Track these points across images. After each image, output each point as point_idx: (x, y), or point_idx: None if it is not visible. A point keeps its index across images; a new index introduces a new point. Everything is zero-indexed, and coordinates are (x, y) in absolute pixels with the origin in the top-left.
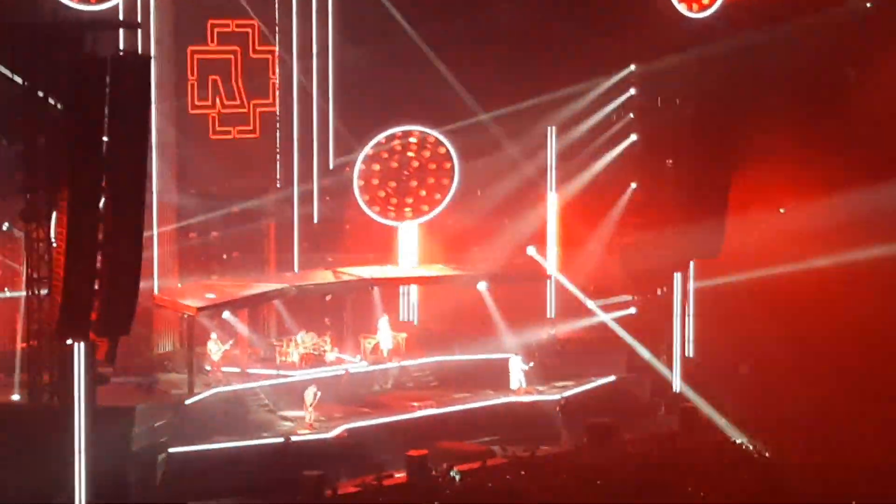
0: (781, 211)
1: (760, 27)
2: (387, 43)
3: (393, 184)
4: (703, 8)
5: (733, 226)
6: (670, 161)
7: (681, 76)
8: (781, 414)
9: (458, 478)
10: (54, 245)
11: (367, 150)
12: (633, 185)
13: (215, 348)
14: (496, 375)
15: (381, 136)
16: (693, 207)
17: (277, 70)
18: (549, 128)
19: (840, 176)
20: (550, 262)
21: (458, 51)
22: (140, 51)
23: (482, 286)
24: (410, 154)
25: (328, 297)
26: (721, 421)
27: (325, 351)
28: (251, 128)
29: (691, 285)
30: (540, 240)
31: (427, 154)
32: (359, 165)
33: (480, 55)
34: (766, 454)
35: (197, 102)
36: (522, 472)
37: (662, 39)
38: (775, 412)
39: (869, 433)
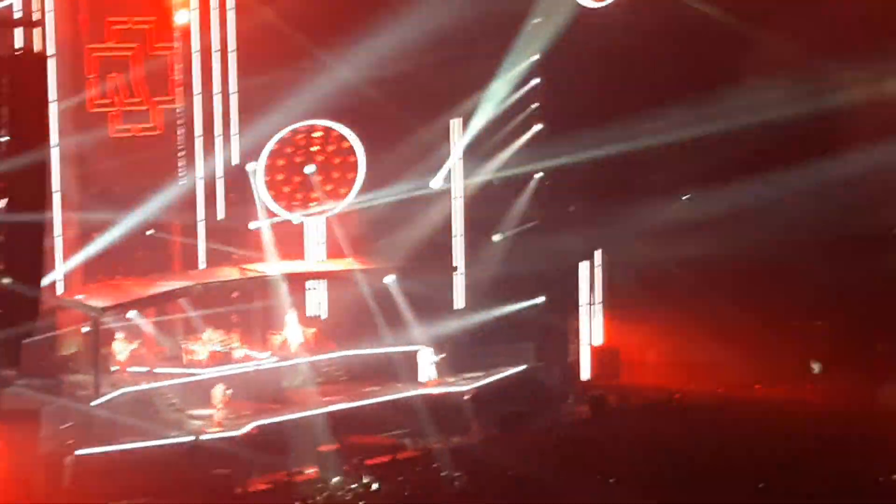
0: (683, 198)
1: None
2: (288, 38)
3: (298, 179)
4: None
5: (638, 214)
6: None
7: (583, 65)
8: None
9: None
10: None
11: (271, 145)
12: (538, 175)
13: (121, 348)
14: (406, 368)
15: (284, 132)
16: (598, 197)
17: (179, 66)
18: (452, 120)
19: (742, 160)
20: (457, 254)
21: (360, 45)
22: (38, 49)
23: (390, 279)
24: (315, 148)
25: (235, 294)
26: None
27: (232, 348)
28: (152, 125)
29: (598, 273)
30: (446, 232)
31: (331, 148)
32: (263, 161)
33: (383, 48)
34: None
35: (97, 101)
36: (434, 465)
37: (565, 28)
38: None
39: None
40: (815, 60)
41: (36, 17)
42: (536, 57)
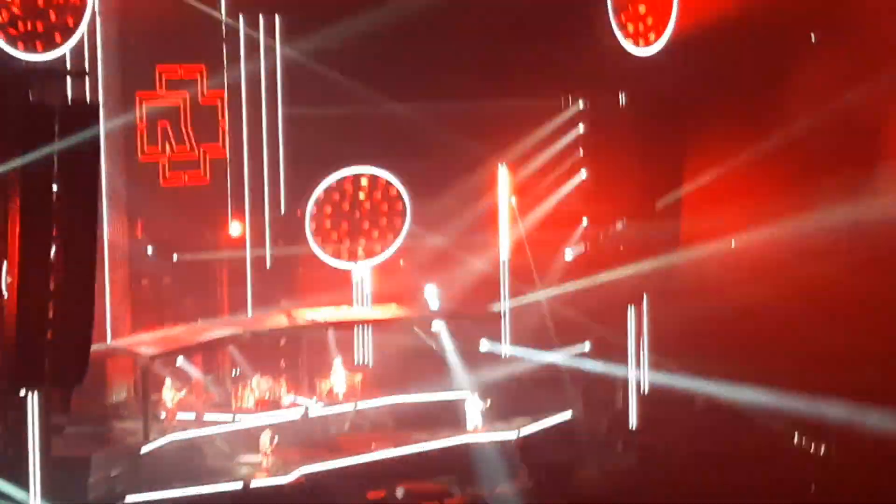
0: (732, 244)
1: (706, 64)
2: (335, 86)
3: (345, 226)
4: (649, 44)
5: (686, 259)
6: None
7: (629, 113)
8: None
9: None
10: (5, 296)
11: (319, 192)
12: (585, 221)
13: (170, 395)
14: (452, 414)
15: (332, 179)
16: (645, 241)
17: (227, 114)
18: (499, 165)
19: (789, 206)
20: (504, 301)
21: (406, 91)
22: (88, 99)
23: (437, 326)
24: (362, 196)
25: (283, 341)
26: None
27: (280, 395)
28: (202, 173)
29: (645, 319)
30: (493, 278)
31: (378, 195)
32: (310, 208)
33: (428, 95)
34: None
35: (146, 149)
36: None
37: (610, 75)
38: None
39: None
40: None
41: (87, 67)
42: (582, 104)
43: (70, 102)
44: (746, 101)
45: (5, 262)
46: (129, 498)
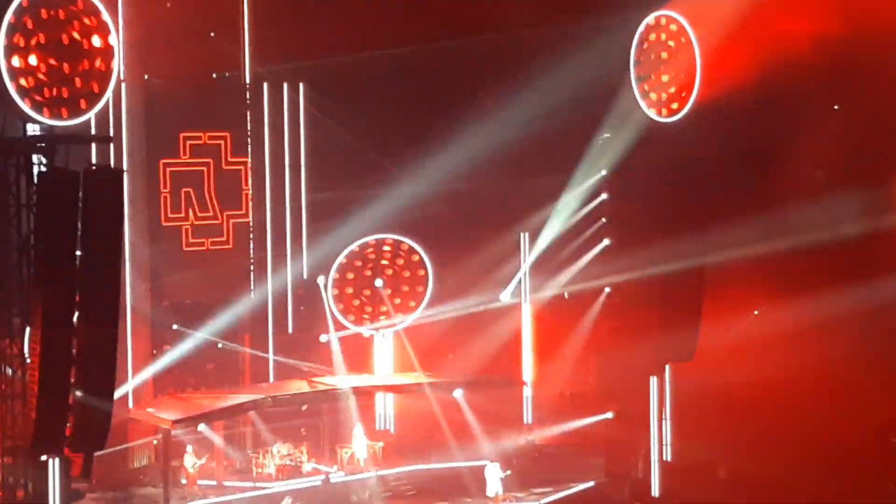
0: (755, 313)
1: (729, 131)
2: (355, 154)
3: (367, 292)
4: (672, 113)
5: (707, 329)
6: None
7: (651, 180)
8: None
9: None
10: (28, 360)
11: (341, 258)
12: (607, 290)
13: (191, 461)
14: (474, 483)
15: (354, 245)
16: (667, 311)
17: (250, 180)
18: (521, 234)
19: (813, 278)
20: (526, 368)
21: (430, 160)
22: (112, 164)
23: (458, 394)
24: (384, 262)
25: (304, 408)
26: None
27: (301, 461)
28: (224, 239)
29: (667, 389)
30: (515, 346)
31: (401, 262)
32: (333, 274)
33: (453, 163)
34: None
35: (170, 214)
36: None
37: (633, 144)
38: None
39: None
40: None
41: (111, 133)
42: (605, 172)
43: (94, 168)
44: (767, 169)
45: (28, 328)
46: None
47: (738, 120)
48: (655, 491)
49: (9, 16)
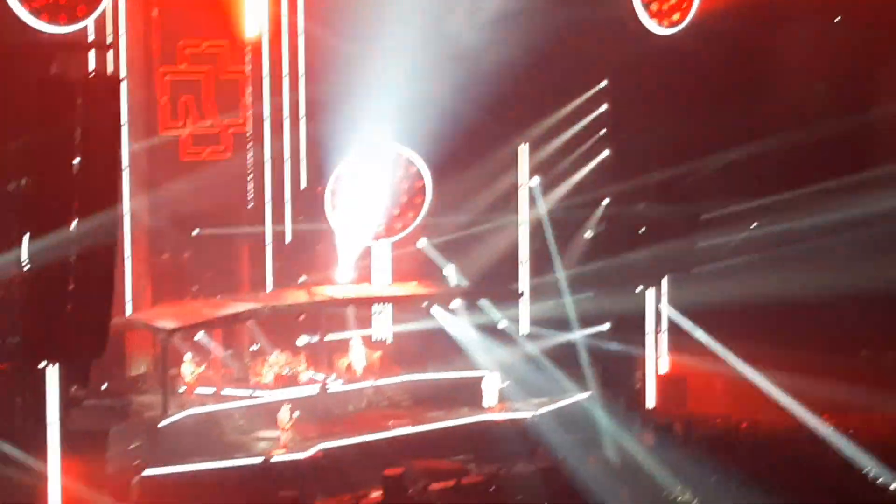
0: (753, 226)
1: (729, 42)
2: (356, 63)
3: (365, 203)
4: (673, 24)
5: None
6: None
7: (652, 94)
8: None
9: None
10: (25, 267)
11: (339, 168)
12: (606, 201)
13: (189, 369)
14: (471, 393)
15: (352, 155)
16: (665, 223)
17: (249, 89)
18: (520, 145)
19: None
20: (523, 279)
21: (428, 69)
22: (110, 72)
23: (455, 304)
24: (382, 172)
25: (302, 317)
26: None
27: (299, 371)
28: (223, 148)
29: (664, 300)
30: (512, 258)
31: (400, 172)
32: (331, 184)
33: (452, 73)
34: None
35: (168, 123)
36: (492, 489)
37: (634, 55)
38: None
39: None
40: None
41: (109, 40)
42: (604, 83)
43: (92, 75)
44: (768, 82)
45: (27, 236)
46: (148, 471)
47: (738, 31)
48: (651, 402)
49: None
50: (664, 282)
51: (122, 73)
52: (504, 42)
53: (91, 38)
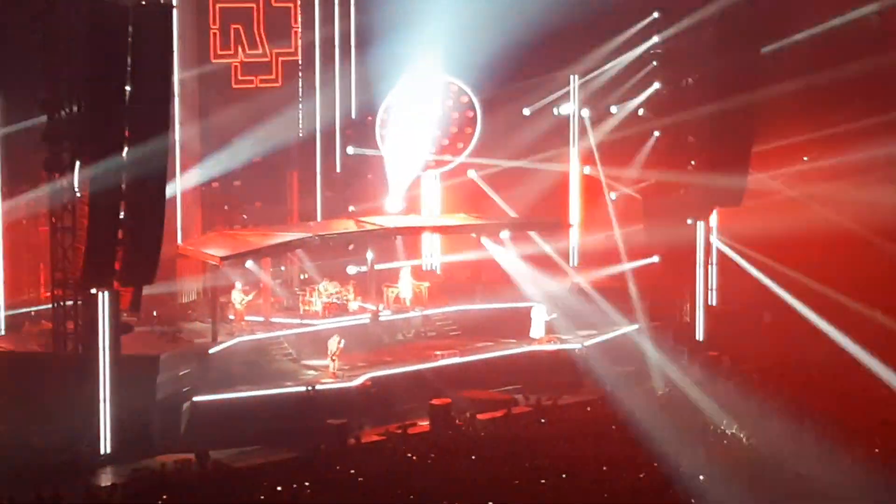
0: (805, 159)
1: None
2: None
3: (416, 132)
4: None
5: (756, 174)
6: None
7: (704, 25)
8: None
9: None
10: (78, 195)
11: (390, 98)
12: (657, 134)
13: (239, 298)
14: (519, 324)
15: (403, 85)
16: (716, 156)
17: (300, 18)
18: (571, 76)
19: (866, 123)
20: (574, 211)
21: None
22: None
23: (505, 235)
24: (433, 102)
25: (351, 247)
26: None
27: (348, 300)
28: (273, 76)
29: (714, 233)
30: (563, 189)
31: (450, 103)
32: (381, 115)
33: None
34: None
35: (219, 52)
36: (542, 420)
37: None
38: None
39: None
40: None
41: None
42: (655, 15)
43: (144, 3)
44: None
45: (78, 162)
46: (197, 398)
47: None
48: (700, 335)
49: None
50: (714, 215)
51: (174, 1)
52: None
53: None
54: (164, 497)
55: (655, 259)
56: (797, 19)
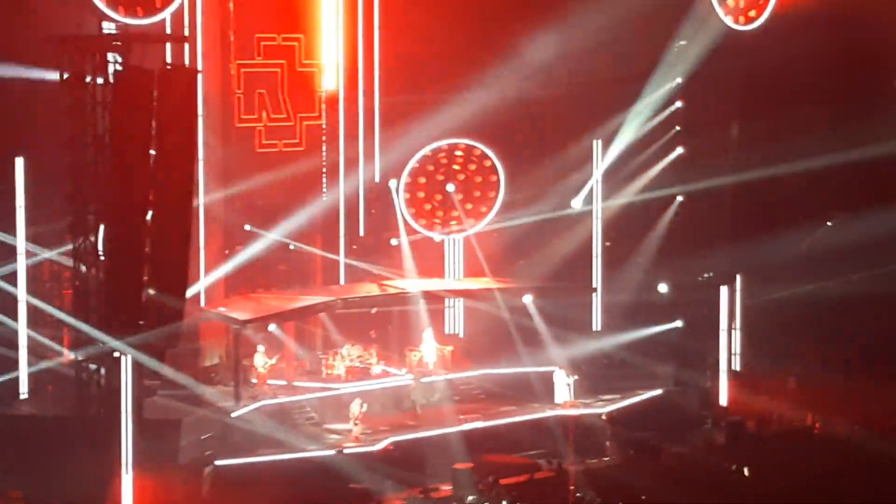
0: (829, 224)
1: (806, 40)
2: (431, 56)
3: (439, 197)
4: (749, 21)
5: (779, 239)
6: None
7: (727, 90)
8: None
9: None
10: (102, 258)
11: (413, 163)
12: (680, 199)
13: (262, 361)
14: (542, 388)
15: (427, 149)
16: (739, 221)
17: (323, 84)
18: (594, 141)
19: (889, 188)
20: (596, 275)
21: (504, 66)
22: (187, 64)
23: (528, 299)
24: (456, 167)
25: (374, 310)
26: None
27: (370, 364)
28: (297, 141)
29: (738, 298)
30: (586, 253)
31: (473, 167)
32: (405, 178)
33: (527, 70)
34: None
35: (243, 116)
36: (569, 486)
37: (709, 52)
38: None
39: None
40: None
41: (185, 33)
42: (679, 80)
43: (169, 67)
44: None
45: (102, 226)
46: (219, 461)
47: (816, 29)
48: (724, 400)
49: None
50: (738, 280)
51: (199, 65)
52: (578, 36)
53: (168, 30)
54: None
55: (679, 324)
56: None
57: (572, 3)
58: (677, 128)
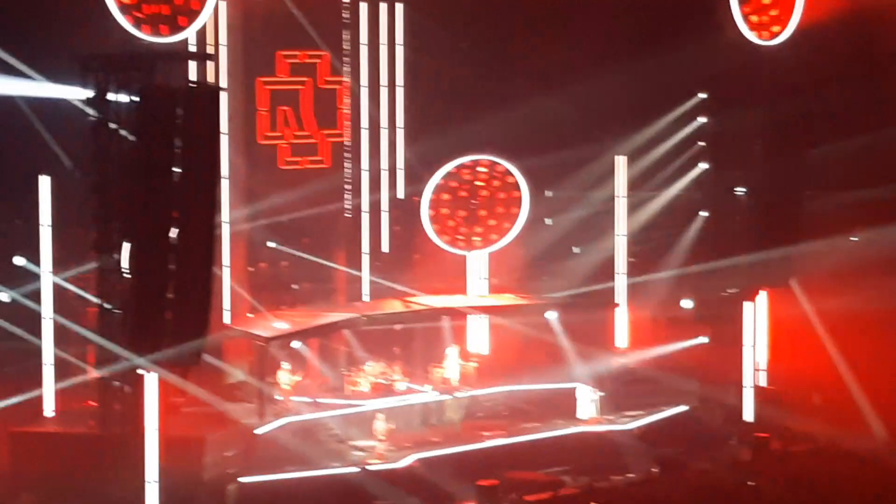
0: (854, 239)
1: (830, 55)
2: (454, 73)
3: (462, 213)
4: (773, 36)
5: (804, 255)
6: (741, 190)
7: (751, 105)
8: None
9: None
10: (125, 275)
11: (437, 179)
12: (703, 214)
13: (286, 378)
14: (566, 405)
15: (450, 166)
16: (764, 236)
17: (347, 100)
18: (617, 157)
19: None
20: (620, 290)
21: (527, 83)
22: (211, 82)
23: (551, 315)
24: (479, 183)
25: (398, 327)
26: None
27: (394, 381)
28: (321, 158)
29: (763, 314)
30: (609, 269)
31: (496, 183)
32: (428, 195)
33: (549, 87)
34: None
35: (267, 133)
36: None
37: (732, 67)
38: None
39: None
40: None
41: (210, 50)
42: (703, 95)
43: (193, 85)
44: (870, 96)
45: (127, 244)
46: (243, 479)
47: (840, 45)
48: (749, 416)
49: None
50: (762, 294)
51: (223, 83)
52: (600, 50)
53: (192, 48)
54: None
55: (704, 340)
56: None
57: (594, 21)
58: (701, 143)
